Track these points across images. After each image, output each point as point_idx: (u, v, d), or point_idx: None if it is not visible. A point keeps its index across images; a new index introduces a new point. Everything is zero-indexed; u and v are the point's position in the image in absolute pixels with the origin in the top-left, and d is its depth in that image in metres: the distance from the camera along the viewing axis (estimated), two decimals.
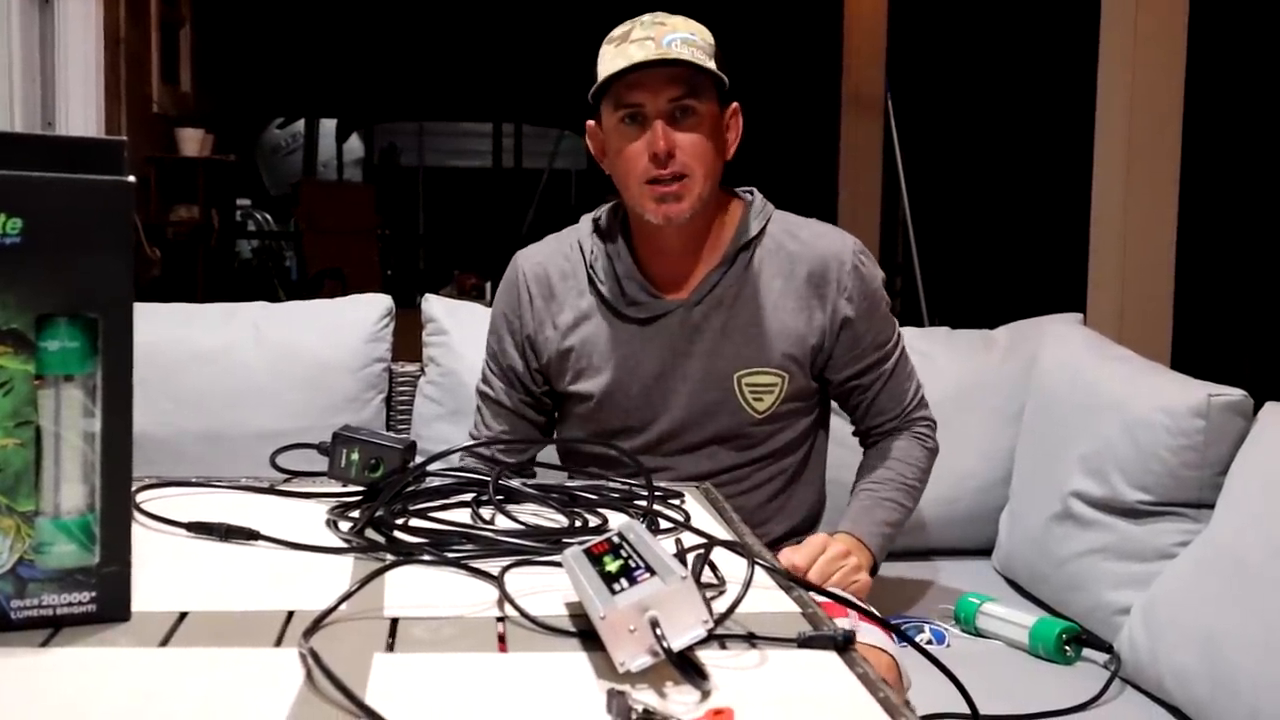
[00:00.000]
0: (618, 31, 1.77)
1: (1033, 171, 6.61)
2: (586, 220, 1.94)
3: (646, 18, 1.76)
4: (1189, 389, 1.87)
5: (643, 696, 0.86)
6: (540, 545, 1.19)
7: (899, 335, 1.94)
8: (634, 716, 0.82)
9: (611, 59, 1.74)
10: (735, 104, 1.83)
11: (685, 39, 1.72)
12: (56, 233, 0.92)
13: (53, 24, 3.81)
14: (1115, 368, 2.12)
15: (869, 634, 1.50)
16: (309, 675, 0.88)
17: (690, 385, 1.83)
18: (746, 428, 1.85)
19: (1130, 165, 3.64)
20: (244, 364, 2.33)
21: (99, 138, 1.01)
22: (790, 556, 1.68)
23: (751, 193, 1.91)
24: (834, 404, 1.98)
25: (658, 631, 0.88)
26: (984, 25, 7.05)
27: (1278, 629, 1.53)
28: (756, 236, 1.86)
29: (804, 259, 1.85)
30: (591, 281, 1.87)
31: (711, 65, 1.73)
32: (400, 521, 1.26)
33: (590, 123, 1.84)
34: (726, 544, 1.15)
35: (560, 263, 1.91)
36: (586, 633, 0.97)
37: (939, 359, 2.39)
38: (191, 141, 6.18)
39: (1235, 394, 1.83)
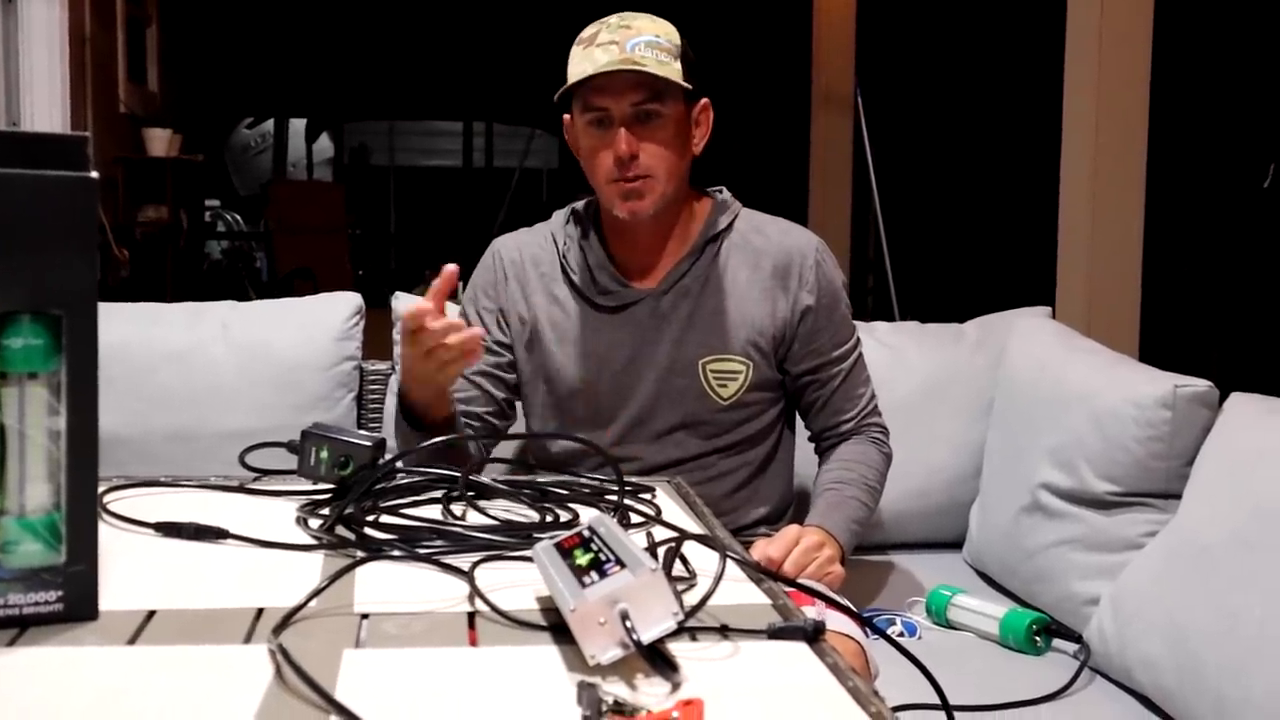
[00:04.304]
0: (586, 33, 1.80)
1: (1001, 167, 6.65)
2: (559, 214, 1.98)
3: (614, 19, 1.79)
4: (1156, 380, 1.88)
5: (613, 689, 0.86)
6: (511, 540, 1.19)
7: (858, 341, 1.98)
8: (604, 709, 0.82)
9: (578, 62, 1.77)
10: (705, 100, 1.86)
11: (650, 41, 1.76)
12: (19, 229, 0.91)
13: (16, 24, 3.79)
14: (1083, 360, 2.14)
15: (836, 621, 1.52)
16: (278, 672, 0.88)
17: (657, 372, 1.87)
18: (712, 414, 1.88)
19: (1097, 159, 3.67)
20: (213, 363, 2.32)
21: (61, 134, 1.00)
22: (765, 549, 1.68)
23: (721, 190, 1.96)
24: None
25: (628, 624, 0.88)
26: (952, 21, 7.08)
27: (1242, 617, 1.54)
28: (724, 230, 1.90)
29: (769, 253, 1.90)
30: (564, 271, 1.91)
31: (676, 67, 1.77)
32: (370, 518, 1.26)
33: (566, 116, 1.88)
34: (697, 537, 1.16)
35: (535, 251, 1.95)
36: (557, 626, 0.98)
37: (909, 353, 2.40)
38: (159, 141, 6.14)
39: (1201, 385, 1.85)
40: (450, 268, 1.60)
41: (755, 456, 1.92)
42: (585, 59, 1.76)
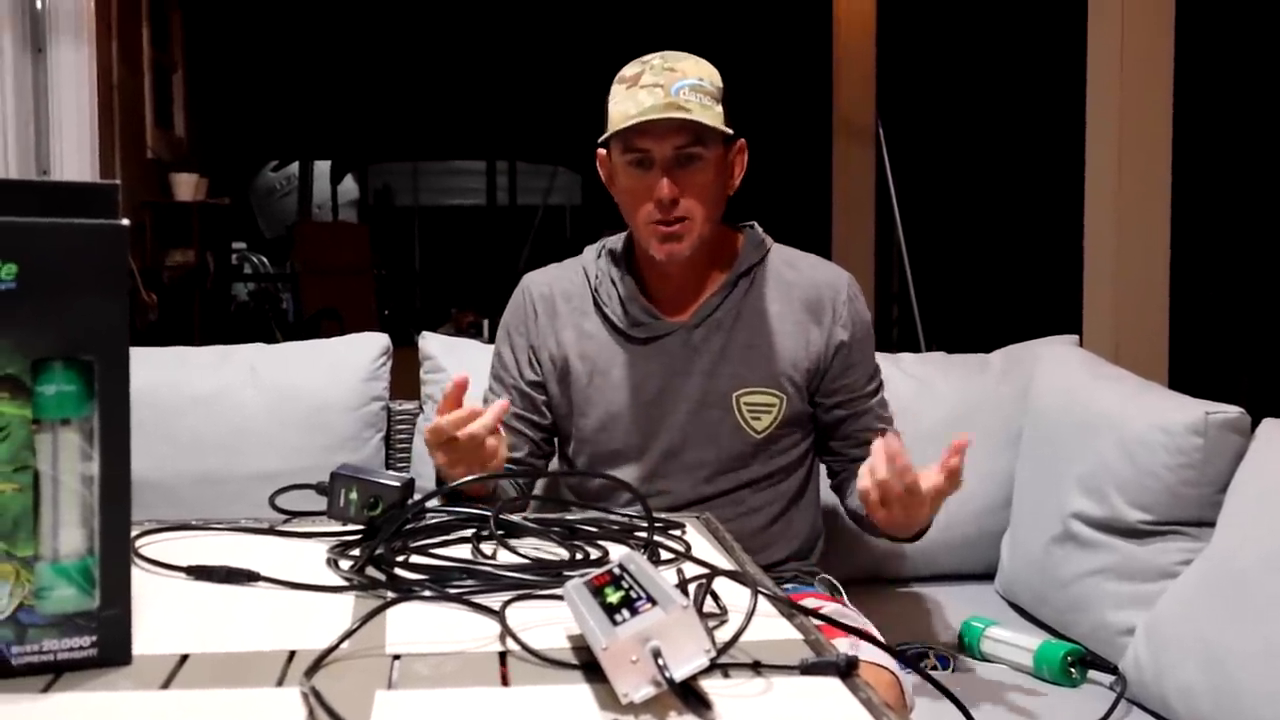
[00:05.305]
0: (628, 72, 1.80)
1: (1025, 195, 6.63)
2: (590, 249, 1.99)
3: (656, 61, 1.79)
4: (1186, 407, 1.87)
5: None
6: (541, 579, 1.19)
7: (882, 380, 1.97)
8: None
9: (621, 101, 1.78)
10: (741, 141, 1.87)
11: (694, 85, 1.76)
12: (51, 277, 0.92)
13: (46, 72, 3.83)
14: (1112, 387, 2.12)
15: (870, 652, 1.51)
16: (311, 714, 0.88)
17: (689, 405, 1.87)
18: (746, 448, 1.87)
19: (1122, 185, 3.66)
20: (241, 406, 2.33)
21: (92, 182, 1.02)
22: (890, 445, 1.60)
23: (752, 226, 1.97)
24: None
25: (660, 661, 0.88)
26: (972, 51, 7.09)
27: (1278, 643, 1.53)
28: (756, 265, 1.91)
29: (801, 286, 1.91)
30: (596, 304, 1.92)
31: (718, 111, 1.78)
32: (400, 558, 1.26)
33: (601, 151, 1.88)
34: (728, 573, 1.15)
35: (565, 285, 1.96)
36: (589, 665, 0.97)
37: (936, 384, 2.40)
38: (186, 186, 6.20)
39: (1232, 411, 1.83)
40: (460, 377, 1.63)
41: (786, 490, 1.92)
42: (629, 99, 1.76)
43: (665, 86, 1.75)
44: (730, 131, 1.80)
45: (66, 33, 3.86)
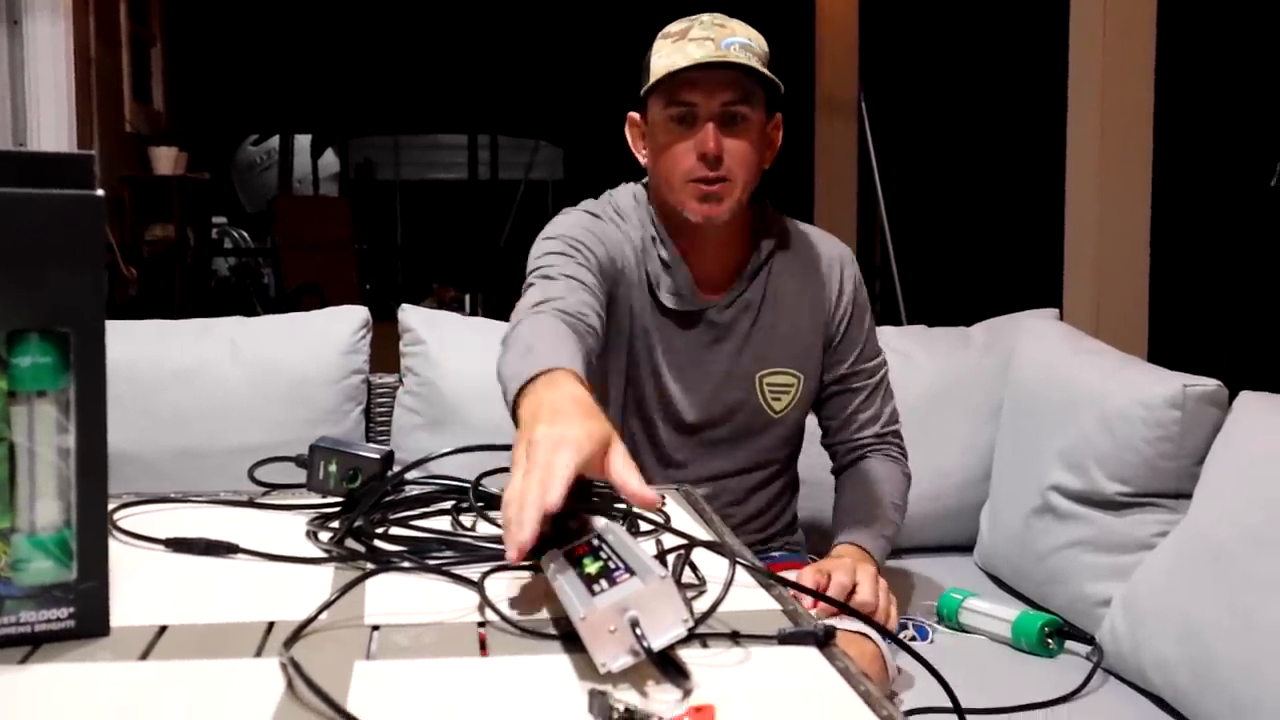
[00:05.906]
0: (675, 28, 1.77)
1: (1006, 169, 6.64)
2: (622, 195, 1.88)
3: (706, 17, 1.76)
4: (1164, 380, 1.88)
5: (624, 696, 0.86)
6: None
7: (884, 359, 1.98)
8: (615, 716, 0.82)
9: (668, 55, 1.73)
10: (779, 115, 1.83)
11: (743, 44, 1.73)
12: (26, 248, 0.92)
13: (21, 44, 3.81)
14: (1091, 361, 2.13)
15: (854, 622, 1.51)
16: (290, 685, 0.88)
17: (713, 383, 1.85)
18: (763, 427, 1.88)
19: (1103, 160, 3.66)
20: (221, 379, 2.32)
21: (67, 153, 1.01)
22: (859, 587, 1.64)
23: (763, 202, 1.91)
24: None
25: (638, 631, 0.88)
26: (955, 24, 7.09)
27: (1255, 616, 1.54)
28: (776, 243, 1.88)
29: (810, 261, 1.90)
30: (639, 264, 1.83)
31: (766, 74, 1.74)
32: (380, 530, 1.26)
33: (632, 114, 1.85)
34: (706, 544, 1.16)
35: (617, 233, 1.83)
36: (568, 635, 0.98)
37: (917, 357, 2.40)
38: (165, 160, 6.16)
39: (1210, 384, 1.84)
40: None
41: (788, 478, 1.96)
42: (676, 52, 1.72)
43: (716, 41, 1.71)
44: (780, 85, 1.75)
45: (43, 6, 3.83)
